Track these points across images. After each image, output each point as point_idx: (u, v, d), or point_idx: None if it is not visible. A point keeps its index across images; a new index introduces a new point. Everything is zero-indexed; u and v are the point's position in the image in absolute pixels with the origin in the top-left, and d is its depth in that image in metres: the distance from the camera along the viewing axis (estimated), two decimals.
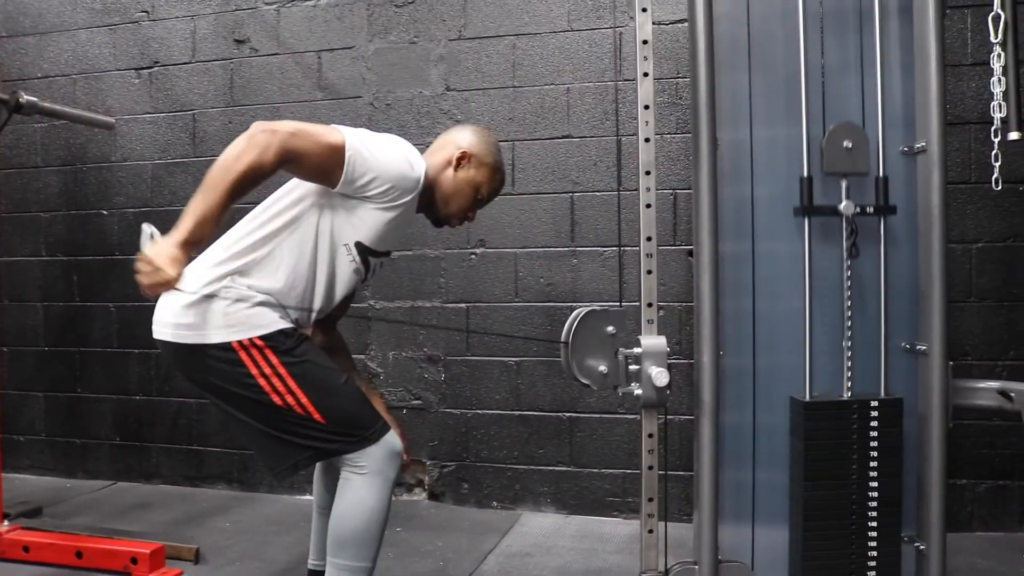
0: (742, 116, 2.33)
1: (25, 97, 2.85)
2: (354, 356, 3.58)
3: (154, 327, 1.93)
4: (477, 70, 3.46)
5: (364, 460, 1.89)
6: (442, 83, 3.50)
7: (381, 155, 1.90)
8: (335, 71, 3.61)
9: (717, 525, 2.20)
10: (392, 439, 1.95)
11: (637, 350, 2.17)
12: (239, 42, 3.71)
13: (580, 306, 3.34)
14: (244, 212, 2.04)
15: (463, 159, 2.09)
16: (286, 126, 1.79)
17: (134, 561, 2.67)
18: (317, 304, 2.01)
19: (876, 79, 2.18)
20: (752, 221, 2.30)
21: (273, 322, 1.88)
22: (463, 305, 3.49)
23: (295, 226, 1.93)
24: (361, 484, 1.89)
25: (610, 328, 2.18)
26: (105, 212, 3.91)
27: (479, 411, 3.49)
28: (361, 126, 3.51)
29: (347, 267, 1.99)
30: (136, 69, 3.86)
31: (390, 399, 3.56)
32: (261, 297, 1.89)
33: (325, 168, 1.84)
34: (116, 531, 2.95)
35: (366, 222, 1.94)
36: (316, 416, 1.86)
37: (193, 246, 1.74)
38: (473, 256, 3.48)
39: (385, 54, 3.55)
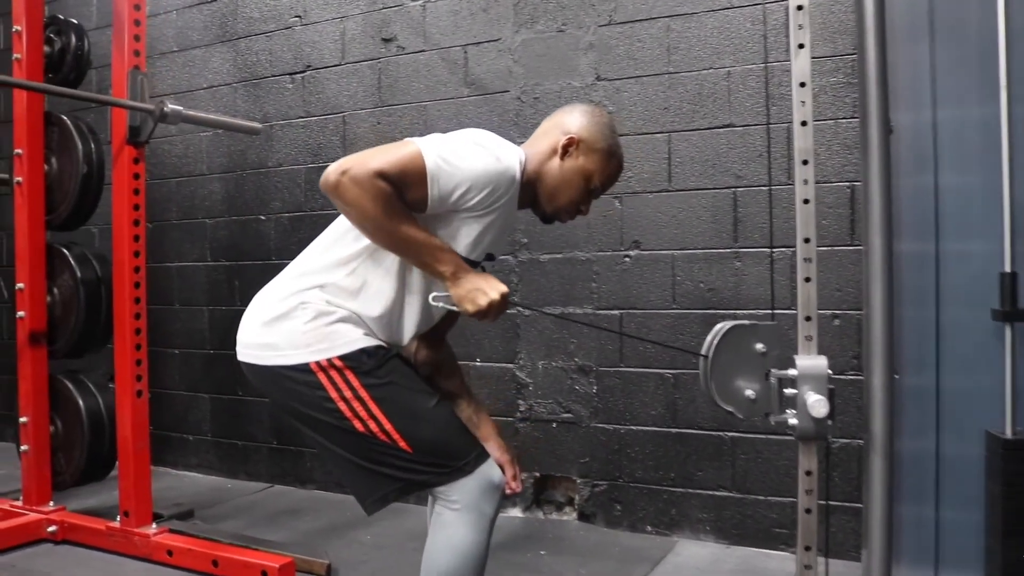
0: (923, 95, 1.96)
1: (169, 106, 2.87)
2: (503, 365, 3.45)
3: (237, 348, 1.81)
4: (629, 57, 3.19)
5: (456, 494, 1.69)
6: (592, 72, 3.25)
7: (464, 159, 1.65)
8: (481, 65, 3.44)
9: (890, 571, 1.85)
10: (489, 470, 1.73)
11: (792, 372, 1.86)
12: (386, 41, 3.63)
13: (743, 314, 3.05)
14: (300, 231, 1.89)
15: (570, 145, 1.82)
16: (354, 158, 1.59)
17: (264, 574, 2.61)
18: (411, 323, 1.80)
19: None
20: (936, 216, 1.92)
21: (355, 340, 1.70)
22: (616, 312, 3.23)
23: None
24: (453, 520, 1.69)
25: (759, 345, 1.87)
26: (263, 217, 3.95)
27: (633, 427, 3.22)
28: (509, 121, 3.37)
29: (442, 281, 1.78)
30: (290, 74, 3.87)
31: (539, 412, 3.36)
32: (343, 312, 1.71)
33: (410, 189, 1.61)
34: (254, 540, 2.91)
35: (460, 231, 1.72)
36: (402, 444, 1.67)
37: (461, 265, 1.68)
38: (627, 259, 3.22)
39: (532, 45, 3.35)
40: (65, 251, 3.19)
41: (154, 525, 2.96)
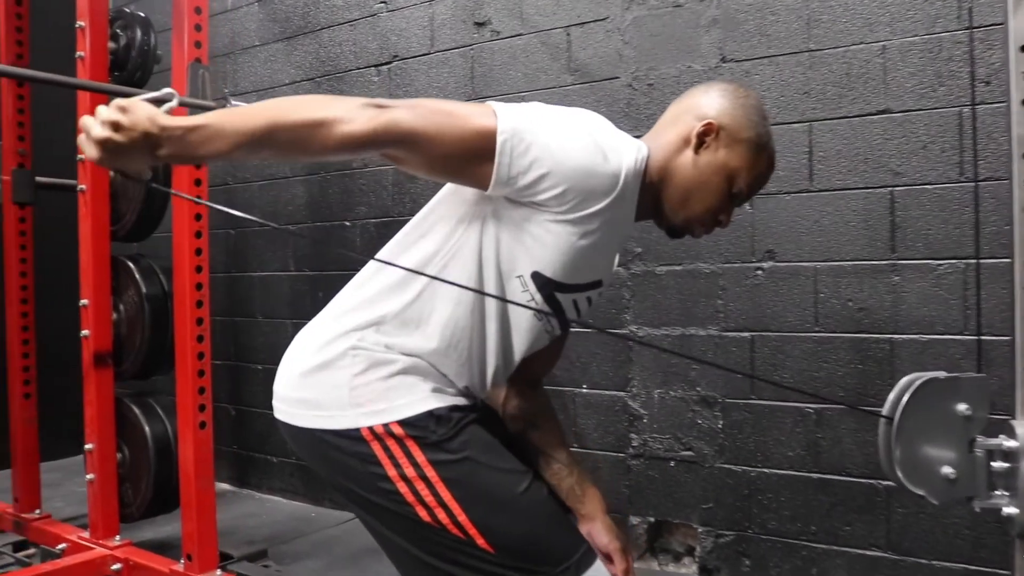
0: None
1: (233, 102, 2.55)
2: (613, 394, 3.01)
3: (273, 402, 1.44)
4: (760, 33, 2.70)
5: None
6: (716, 53, 2.78)
7: (554, 139, 1.23)
8: (586, 49, 3.01)
9: None
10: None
11: (1009, 443, 1.37)
12: (479, 25, 3.24)
13: (901, 340, 2.52)
14: (387, 238, 1.50)
15: (707, 133, 1.36)
16: (406, 103, 1.21)
17: None
18: (489, 366, 1.39)
19: None
20: None
21: (419, 400, 1.30)
22: (747, 335, 2.75)
23: (448, 254, 1.33)
24: None
25: (962, 407, 1.38)
26: (348, 223, 3.62)
27: (766, 469, 2.73)
28: (619, 112, 2.89)
29: (524, 311, 1.36)
30: (375, 66, 3.53)
31: (654, 448, 2.90)
32: (405, 361, 1.32)
33: (465, 160, 1.23)
34: None
35: (543, 242, 1.29)
36: (480, 542, 1.25)
37: (174, 143, 1.12)
38: (759, 272, 2.73)
39: (645, 23, 2.89)
40: (131, 264, 2.92)
41: (219, 571, 2.65)
